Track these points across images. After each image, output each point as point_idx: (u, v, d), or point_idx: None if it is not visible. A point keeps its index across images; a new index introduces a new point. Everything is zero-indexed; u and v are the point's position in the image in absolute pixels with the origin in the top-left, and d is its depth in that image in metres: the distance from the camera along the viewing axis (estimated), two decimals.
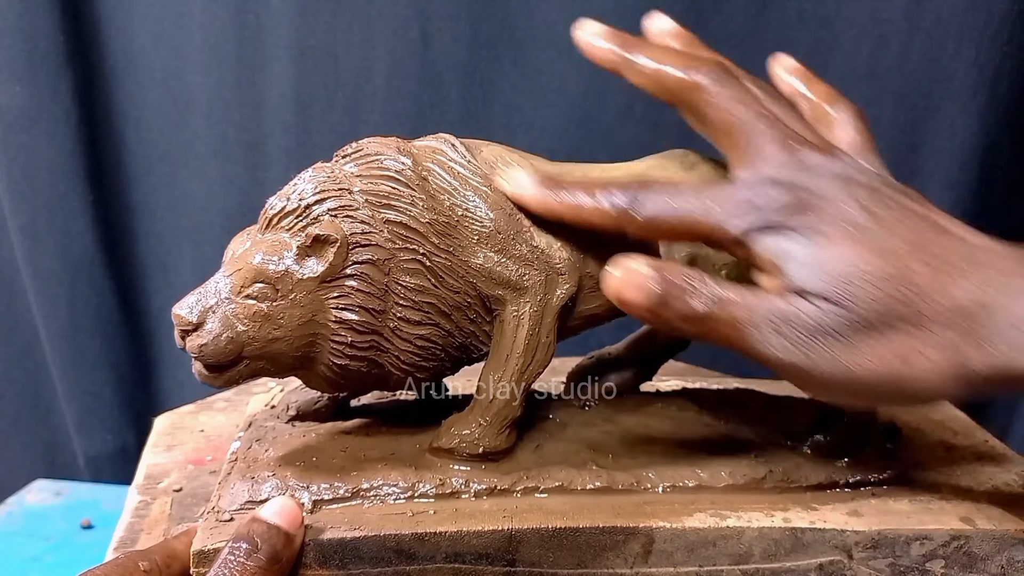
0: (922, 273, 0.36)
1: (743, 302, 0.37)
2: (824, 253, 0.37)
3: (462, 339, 0.43)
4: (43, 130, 0.77)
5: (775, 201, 0.38)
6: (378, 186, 0.41)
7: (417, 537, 0.39)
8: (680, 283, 0.37)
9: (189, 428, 0.60)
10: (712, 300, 0.37)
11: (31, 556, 0.62)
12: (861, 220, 0.37)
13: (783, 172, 0.38)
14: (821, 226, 0.37)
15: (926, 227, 0.38)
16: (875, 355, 0.36)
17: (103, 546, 0.48)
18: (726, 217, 0.38)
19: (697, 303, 0.37)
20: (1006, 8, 0.64)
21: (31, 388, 0.89)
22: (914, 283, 0.36)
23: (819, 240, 0.37)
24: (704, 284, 0.37)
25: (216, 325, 0.39)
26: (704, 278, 0.38)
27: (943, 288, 0.36)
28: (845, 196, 0.38)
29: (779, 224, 0.38)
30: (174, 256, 0.83)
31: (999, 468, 0.49)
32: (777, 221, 0.38)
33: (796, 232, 0.37)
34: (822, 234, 0.37)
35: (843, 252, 0.36)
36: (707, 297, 0.37)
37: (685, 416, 0.50)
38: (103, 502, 0.70)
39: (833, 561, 0.41)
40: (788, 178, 0.38)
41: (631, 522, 0.40)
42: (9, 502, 0.70)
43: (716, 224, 0.38)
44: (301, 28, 0.73)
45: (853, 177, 0.39)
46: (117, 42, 0.77)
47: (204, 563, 0.38)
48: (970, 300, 0.35)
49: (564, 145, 0.73)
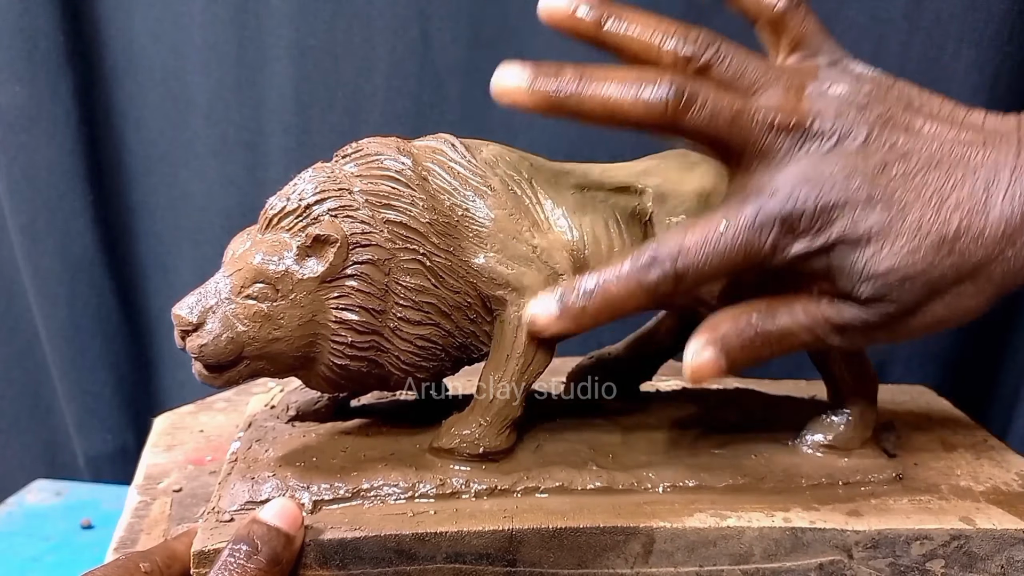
0: (958, 226, 0.37)
1: (800, 325, 0.39)
2: (864, 259, 0.38)
3: (462, 339, 0.43)
4: (43, 130, 0.76)
5: (802, 212, 0.38)
6: (378, 186, 0.41)
7: (417, 537, 0.39)
8: (745, 338, 0.39)
9: (189, 428, 0.60)
10: (775, 341, 0.39)
11: (31, 556, 0.62)
12: (884, 219, 0.37)
13: (795, 181, 0.38)
14: (854, 233, 0.38)
15: (940, 159, 0.38)
16: (922, 322, 0.39)
17: (103, 546, 0.48)
18: (759, 240, 0.38)
19: (766, 351, 0.39)
20: (1006, 8, 0.64)
21: (31, 388, 0.89)
22: (954, 254, 0.37)
23: (857, 247, 0.38)
24: (760, 323, 0.39)
25: (216, 325, 0.39)
26: (756, 319, 0.39)
27: (976, 235, 0.37)
28: (859, 182, 0.38)
29: (813, 233, 0.38)
30: (174, 256, 0.83)
31: (999, 468, 0.49)
32: (807, 229, 0.38)
33: (836, 244, 0.38)
34: (857, 242, 0.38)
35: (881, 257, 0.37)
36: (773, 340, 0.39)
37: (685, 416, 0.50)
38: (103, 502, 0.70)
39: (833, 561, 0.41)
40: (804, 191, 0.38)
41: (631, 522, 0.40)
42: (9, 502, 0.70)
43: (754, 252, 0.38)
44: (301, 28, 0.73)
45: (854, 144, 0.38)
46: (117, 42, 0.77)
47: (204, 563, 0.38)
48: (1002, 228, 0.37)
49: (564, 145, 0.72)
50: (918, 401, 0.59)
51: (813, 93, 0.39)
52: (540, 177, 0.45)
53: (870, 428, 0.47)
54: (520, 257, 0.43)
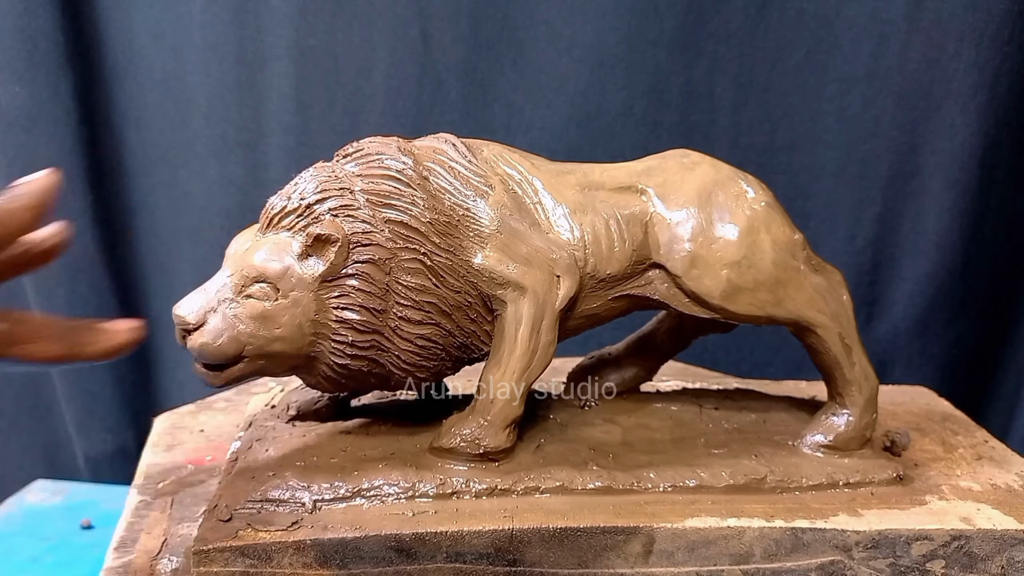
0: None
1: None
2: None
3: (463, 339, 0.43)
4: (43, 130, 0.76)
5: None
6: (379, 186, 0.41)
7: (417, 537, 0.39)
8: None
9: (189, 428, 0.60)
10: None
11: (31, 556, 0.62)
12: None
13: None
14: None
15: None
16: None
17: (103, 546, 0.47)
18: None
19: None
20: (1006, 8, 0.64)
21: (31, 388, 0.89)
22: None
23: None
24: None
25: (217, 324, 0.39)
26: None
27: None
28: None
29: None
30: (174, 256, 0.83)
31: (999, 468, 0.49)
32: None
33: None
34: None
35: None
36: None
37: (685, 416, 0.50)
38: (103, 502, 0.70)
39: (833, 561, 0.41)
40: None
41: (632, 522, 0.40)
42: (9, 502, 0.70)
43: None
44: (301, 28, 0.73)
45: None
46: (117, 42, 0.77)
47: (204, 563, 0.38)
48: None
49: (564, 145, 0.73)
50: (918, 402, 0.59)
51: None
52: (541, 177, 0.45)
53: (870, 429, 0.47)
54: (520, 257, 0.43)
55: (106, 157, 0.80)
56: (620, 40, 0.69)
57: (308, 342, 0.40)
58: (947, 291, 0.73)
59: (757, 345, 0.76)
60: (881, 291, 0.75)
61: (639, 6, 0.69)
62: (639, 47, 0.69)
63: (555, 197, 0.45)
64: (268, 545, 0.38)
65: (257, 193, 0.68)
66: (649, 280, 0.46)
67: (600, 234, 0.44)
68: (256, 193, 0.75)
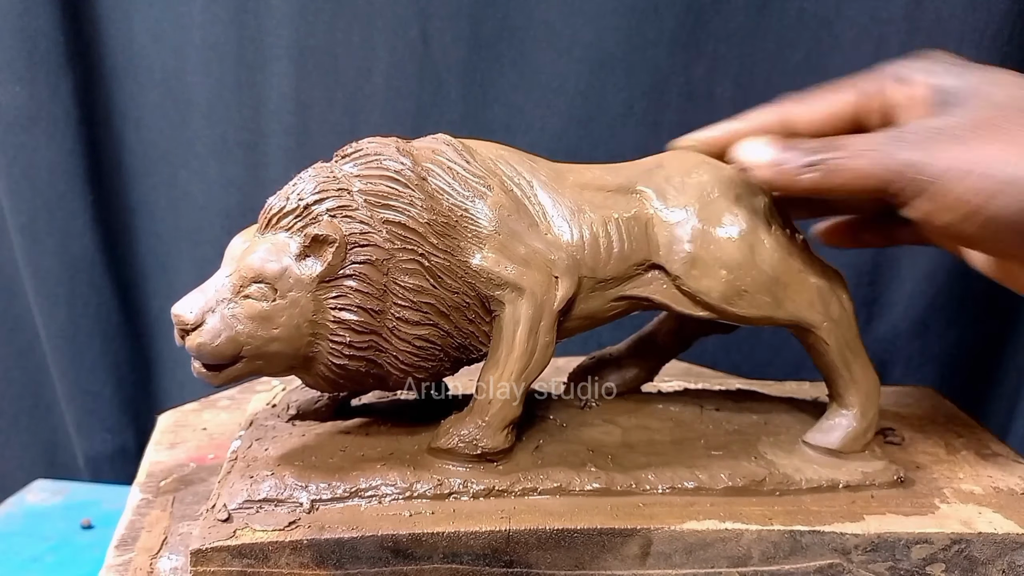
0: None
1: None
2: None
3: (461, 339, 0.43)
4: (43, 130, 0.76)
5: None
6: (377, 186, 0.41)
7: (414, 537, 0.39)
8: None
9: (192, 426, 0.60)
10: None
11: (31, 556, 0.62)
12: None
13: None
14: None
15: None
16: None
17: (103, 546, 0.47)
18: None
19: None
20: (1006, 8, 0.64)
21: (31, 388, 0.89)
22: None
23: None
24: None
25: (215, 324, 0.39)
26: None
27: None
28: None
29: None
30: (174, 256, 0.83)
31: (1000, 471, 0.49)
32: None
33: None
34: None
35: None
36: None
37: (685, 417, 0.50)
38: (103, 502, 0.70)
39: (832, 564, 0.41)
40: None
41: (629, 523, 0.40)
42: (9, 502, 0.70)
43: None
44: (301, 28, 0.73)
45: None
46: (117, 42, 0.77)
47: (204, 563, 0.38)
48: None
49: (564, 145, 0.72)
50: (922, 404, 0.59)
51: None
52: (540, 177, 0.45)
53: (872, 431, 0.47)
54: (519, 258, 0.43)
55: (106, 157, 0.80)
56: (620, 40, 0.69)
57: (306, 342, 0.40)
58: (947, 291, 0.73)
59: (758, 345, 0.76)
60: (881, 291, 0.75)
61: (639, 6, 0.68)
62: (639, 47, 0.69)
63: (554, 198, 0.45)
64: (265, 545, 0.38)
65: (257, 193, 0.68)
66: (649, 281, 0.45)
67: (599, 235, 0.44)
68: (256, 193, 0.75)
